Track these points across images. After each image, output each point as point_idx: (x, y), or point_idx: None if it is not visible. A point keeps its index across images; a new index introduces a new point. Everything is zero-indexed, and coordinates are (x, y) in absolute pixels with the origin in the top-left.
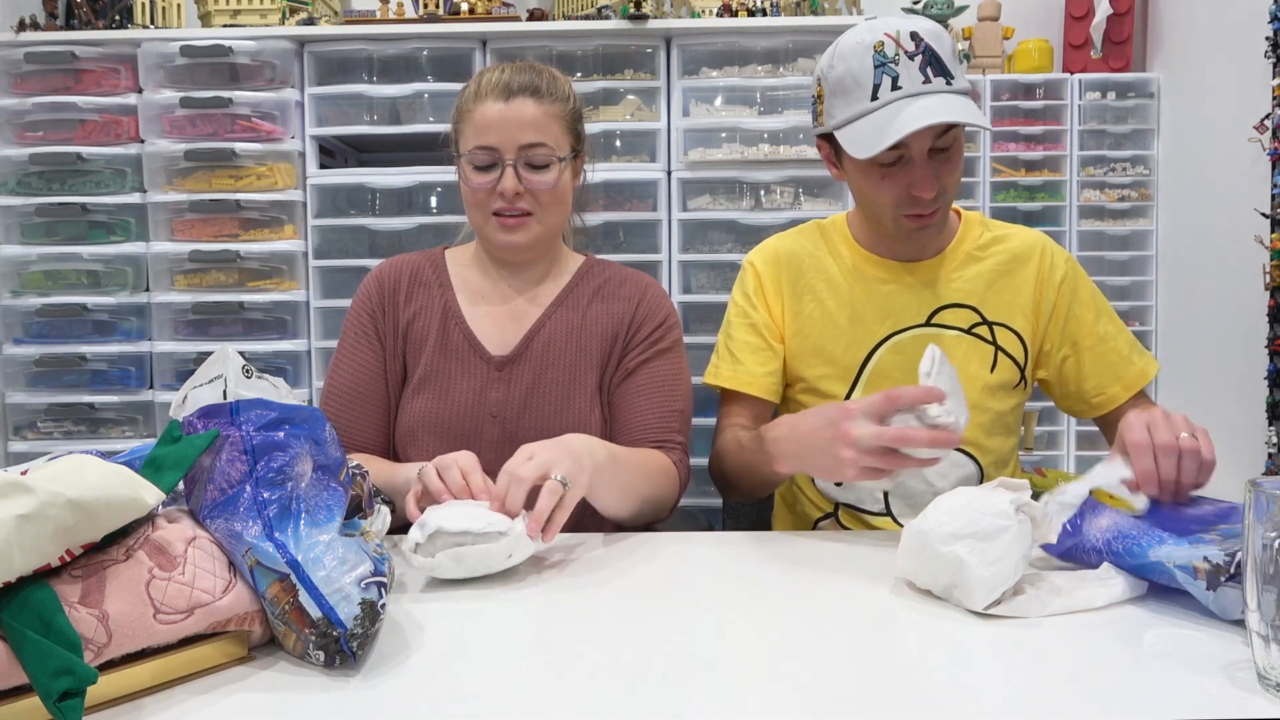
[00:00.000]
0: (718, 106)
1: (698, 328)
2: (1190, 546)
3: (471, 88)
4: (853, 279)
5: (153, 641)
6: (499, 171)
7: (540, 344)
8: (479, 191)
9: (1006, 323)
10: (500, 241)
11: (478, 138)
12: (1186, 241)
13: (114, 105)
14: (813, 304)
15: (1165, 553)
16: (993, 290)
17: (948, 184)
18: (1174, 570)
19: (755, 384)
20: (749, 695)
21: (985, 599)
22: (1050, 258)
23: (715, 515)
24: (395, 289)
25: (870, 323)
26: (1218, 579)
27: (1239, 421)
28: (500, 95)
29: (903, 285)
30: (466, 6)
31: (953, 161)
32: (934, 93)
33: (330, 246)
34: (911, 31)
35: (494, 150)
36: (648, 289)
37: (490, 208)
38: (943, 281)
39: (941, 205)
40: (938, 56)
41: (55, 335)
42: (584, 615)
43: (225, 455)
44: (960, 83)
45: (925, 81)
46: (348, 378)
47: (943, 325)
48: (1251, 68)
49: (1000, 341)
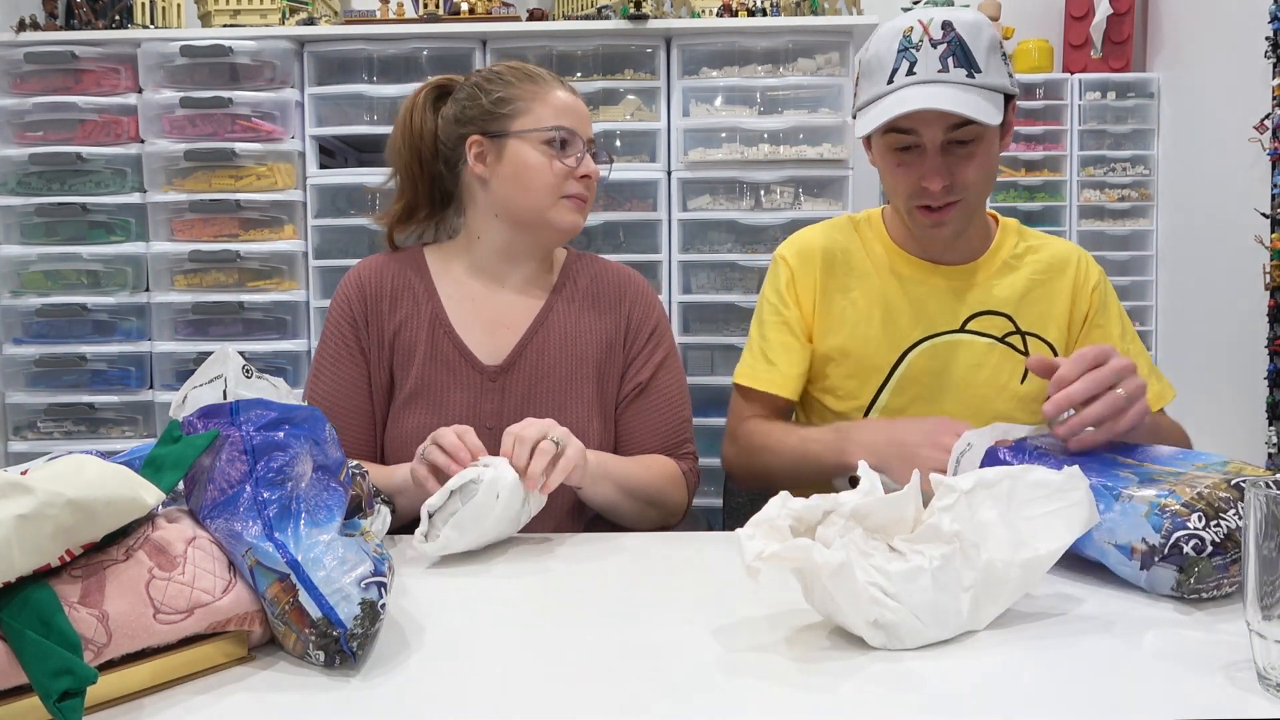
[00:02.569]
0: (718, 106)
1: (698, 328)
2: (1117, 506)
3: (517, 72)
4: (886, 277)
5: (153, 641)
6: (577, 154)
7: (534, 352)
8: (558, 172)
9: (1040, 333)
10: (570, 223)
11: (558, 118)
12: (1186, 241)
13: (114, 105)
14: (844, 302)
15: (1106, 530)
16: (1027, 300)
17: (963, 180)
18: (1110, 550)
19: (788, 386)
20: (750, 695)
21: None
22: (1086, 267)
23: (715, 515)
24: (378, 296)
25: (904, 325)
26: (1151, 559)
27: (1239, 421)
28: (564, 87)
29: (937, 288)
30: (466, 6)
31: (974, 158)
32: (947, 82)
33: (330, 246)
34: (945, 20)
35: (575, 133)
36: (637, 292)
37: (564, 190)
38: (978, 288)
39: (959, 202)
40: (965, 48)
41: (55, 335)
42: (584, 615)
43: (225, 455)
44: (990, 78)
45: (942, 70)
46: (327, 391)
47: (976, 332)
48: (1251, 68)
49: (1033, 351)
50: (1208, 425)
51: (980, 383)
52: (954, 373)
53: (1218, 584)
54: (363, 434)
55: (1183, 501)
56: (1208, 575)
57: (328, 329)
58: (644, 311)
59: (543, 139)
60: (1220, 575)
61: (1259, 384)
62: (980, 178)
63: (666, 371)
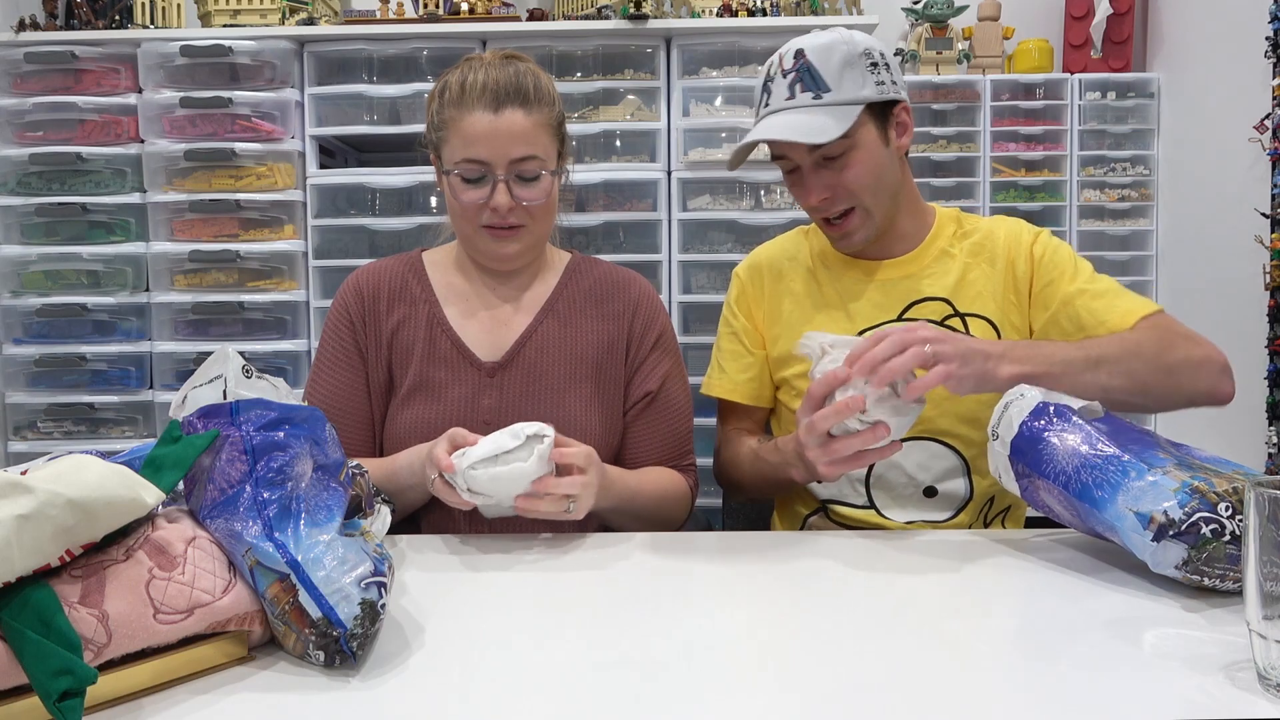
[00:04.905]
0: (718, 106)
1: (697, 328)
2: (1150, 477)
3: (454, 90)
4: (827, 277)
5: (152, 641)
6: (489, 186)
7: (533, 350)
8: (469, 206)
9: (979, 312)
10: (492, 253)
11: (466, 150)
12: (1186, 242)
13: (114, 105)
14: (790, 305)
15: (1132, 496)
16: (964, 283)
17: (847, 190)
18: (1128, 515)
19: (737, 390)
20: (750, 695)
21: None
22: (1018, 234)
23: (715, 515)
24: (375, 298)
25: (845, 318)
26: (1166, 532)
27: (1239, 421)
28: (488, 104)
29: (876, 282)
30: (466, 6)
31: (850, 166)
32: (793, 108)
33: (330, 246)
34: (798, 49)
35: (484, 165)
36: (641, 296)
37: (480, 221)
38: (914, 277)
39: (855, 209)
40: (813, 71)
41: (55, 335)
42: (584, 615)
43: (225, 455)
44: (842, 93)
45: (789, 98)
46: (326, 395)
47: (916, 320)
48: (1251, 68)
49: (973, 331)
50: (1208, 425)
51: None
52: None
53: (1223, 574)
54: (361, 437)
55: (1216, 490)
56: (1217, 559)
57: (326, 333)
58: (648, 317)
59: (460, 175)
60: (1228, 566)
61: (1259, 384)
62: (866, 183)
63: (674, 382)
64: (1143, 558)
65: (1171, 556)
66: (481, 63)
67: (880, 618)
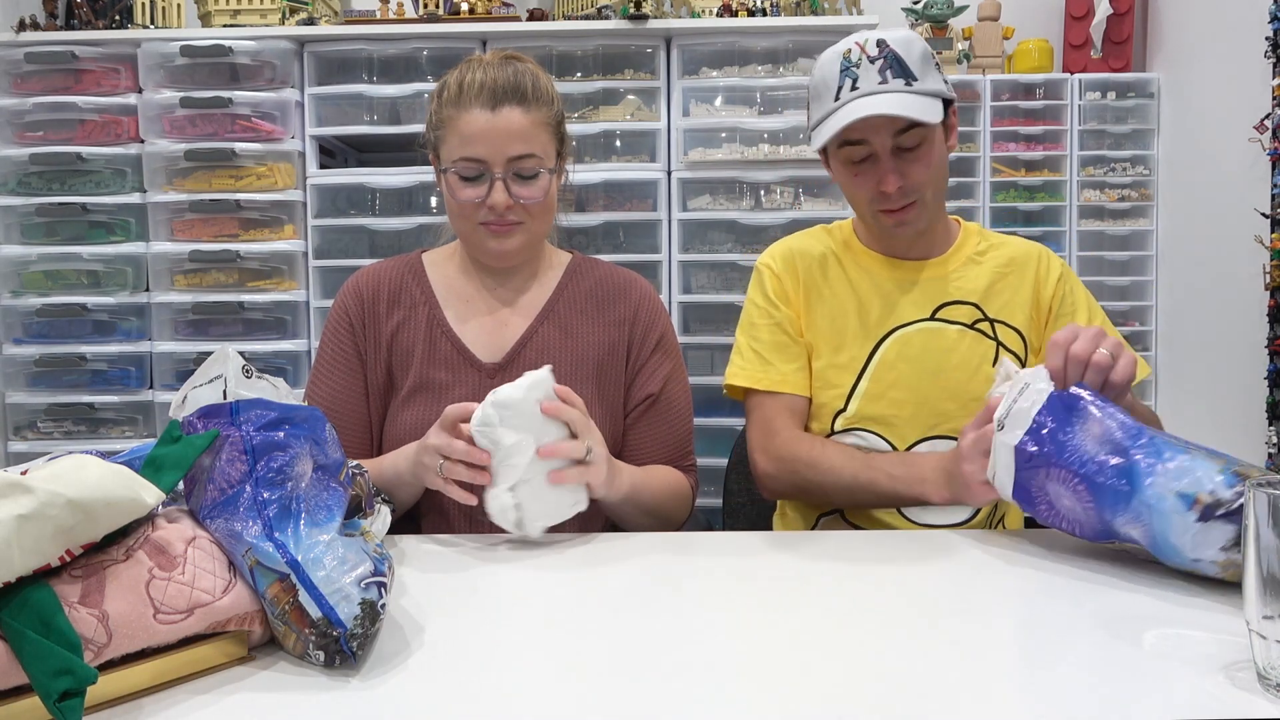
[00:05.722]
0: (718, 106)
1: (697, 328)
2: (1185, 459)
3: (452, 90)
4: (858, 275)
5: (152, 641)
6: (487, 184)
7: (533, 351)
8: (466, 204)
9: (1007, 320)
10: (490, 249)
11: (464, 149)
12: (1186, 241)
13: (114, 105)
14: (822, 301)
15: (1171, 476)
16: (992, 291)
17: (916, 181)
18: (1168, 497)
19: (787, 382)
20: (750, 694)
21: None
22: (1047, 261)
23: (715, 515)
24: (375, 300)
25: (876, 316)
26: (1214, 512)
27: (1239, 421)
28: (486, 103)
29: (906, 281)
30: (466, 6)
31: (922, 160)
32: (888, 91)
33: (330, 246)
34: (879, 40)
35: (482, 163)
36: (642, 297)
37: (478, 219)
38: (945, 279)
39: (917, 202)
40: (900, 60)
41: (55, 335)
42: (584, 614)
43: (225, 455)
44: (926, 85)
45: (882, 82)
46: (325, 397)
47: (946, 320)
48: (1251, 68)
49: (1001, 337)
50: (1208, 425)
51: (953, 366)
52: (928, 358)
53: None
54: (361, 439)
55: (1261, 476)
56: None
57: (325, 335)
58: (650, 318)
59: (457, 173)
60: None
61: (1259, 384)
62: (931, 177)
63: (675, 384)
64: (1178, 542)
65: (1217, 537)
66: (481, 63)
67: (881, 618)
